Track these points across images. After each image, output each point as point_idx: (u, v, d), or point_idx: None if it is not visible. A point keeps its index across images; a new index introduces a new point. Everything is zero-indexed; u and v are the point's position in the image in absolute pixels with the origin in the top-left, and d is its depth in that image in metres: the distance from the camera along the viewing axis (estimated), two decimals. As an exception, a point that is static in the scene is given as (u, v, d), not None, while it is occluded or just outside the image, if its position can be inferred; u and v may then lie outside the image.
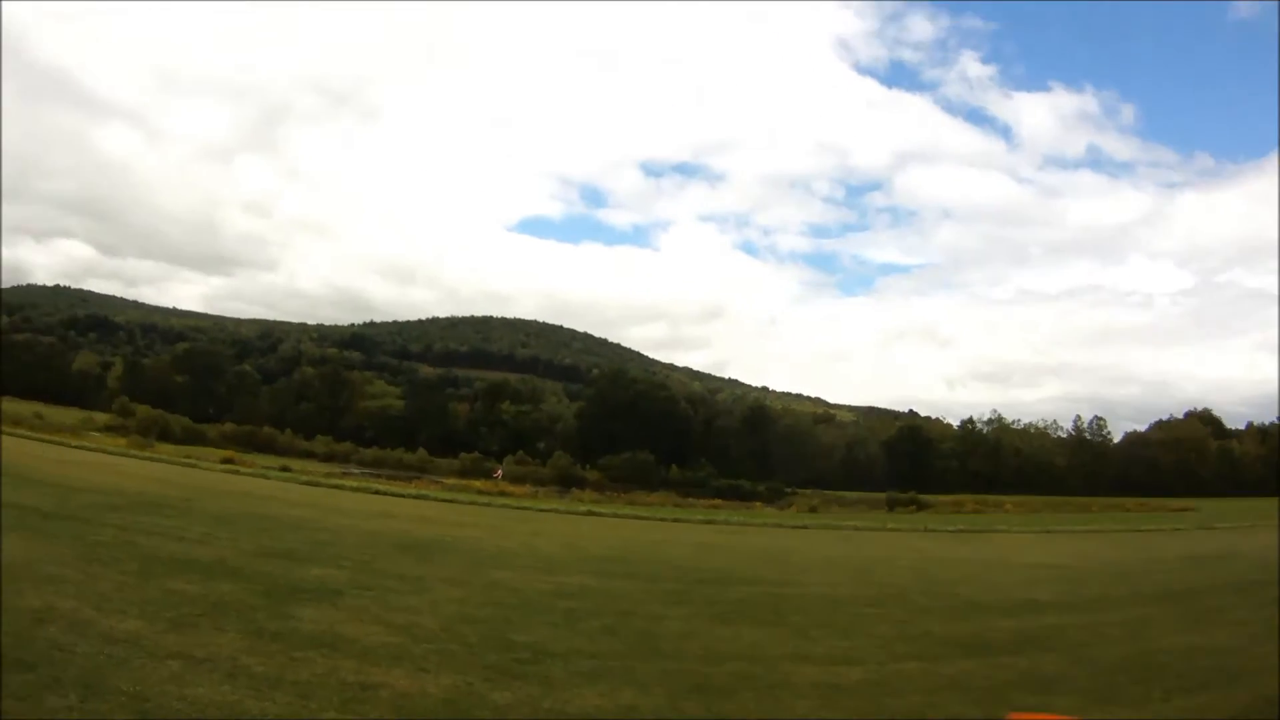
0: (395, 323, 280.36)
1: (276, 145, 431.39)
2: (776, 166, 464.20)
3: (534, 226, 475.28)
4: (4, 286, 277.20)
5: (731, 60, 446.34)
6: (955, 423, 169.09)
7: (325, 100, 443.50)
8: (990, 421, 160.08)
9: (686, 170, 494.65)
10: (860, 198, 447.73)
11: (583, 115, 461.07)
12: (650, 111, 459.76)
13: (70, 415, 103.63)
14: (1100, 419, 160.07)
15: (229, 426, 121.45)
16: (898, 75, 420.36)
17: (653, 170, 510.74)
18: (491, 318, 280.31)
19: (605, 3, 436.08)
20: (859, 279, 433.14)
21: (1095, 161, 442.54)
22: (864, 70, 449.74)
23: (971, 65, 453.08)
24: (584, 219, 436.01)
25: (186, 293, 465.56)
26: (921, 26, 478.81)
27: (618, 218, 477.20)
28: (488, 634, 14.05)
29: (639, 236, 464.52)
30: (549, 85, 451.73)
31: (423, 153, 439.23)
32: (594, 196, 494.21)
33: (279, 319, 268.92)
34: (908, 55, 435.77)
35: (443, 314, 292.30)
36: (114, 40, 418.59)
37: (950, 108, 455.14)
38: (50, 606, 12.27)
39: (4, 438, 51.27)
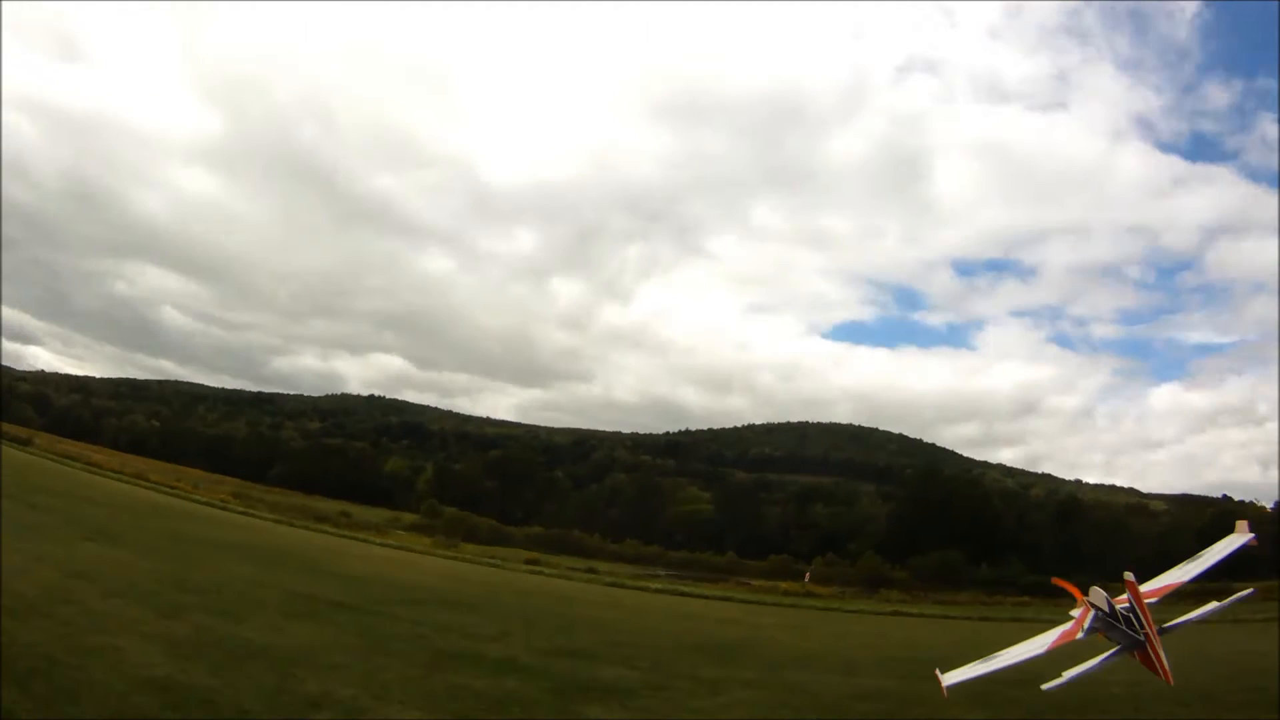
0: (710, 430, 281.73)
1: (591, 263, 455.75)
2: (1087, 255, 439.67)
3: (849, 332, 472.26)
4: (320, 395, 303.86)
5: (1039, 152, 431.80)
6: (1270, 505, 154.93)
7: (638, 218, 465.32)
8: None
9: (998, 266, 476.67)
10: (1171, 279, 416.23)
11: (894, 221, 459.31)
12: (960, 211, 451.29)
13: (378, 514, 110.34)
14: None
15: (536, 529, 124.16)
16: (1199, 148, 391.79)
17: (965, 269, 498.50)
18: (807, 423, 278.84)
19: (903, 111, 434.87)
20: (1172, 363, 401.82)
21: None
22: (1166, 147, 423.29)
23: (1270, 128, 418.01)
24: (899, 322, 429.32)
25: (501, 403, 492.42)
26: (1216, 94, 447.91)
27: (933, 319, 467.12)
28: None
29: (954, 336, 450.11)
30: (860, 193, 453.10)
31: (736, 265, 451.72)
32: (908, 299, 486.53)
33: (594, 428, 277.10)
34: (1207, 126, 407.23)
35: (758, 421, 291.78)
36: (430, 176, 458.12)
37: (1255, 175, 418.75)
38: (327, 693, 12.49)
39: (305, 533, 55.05)
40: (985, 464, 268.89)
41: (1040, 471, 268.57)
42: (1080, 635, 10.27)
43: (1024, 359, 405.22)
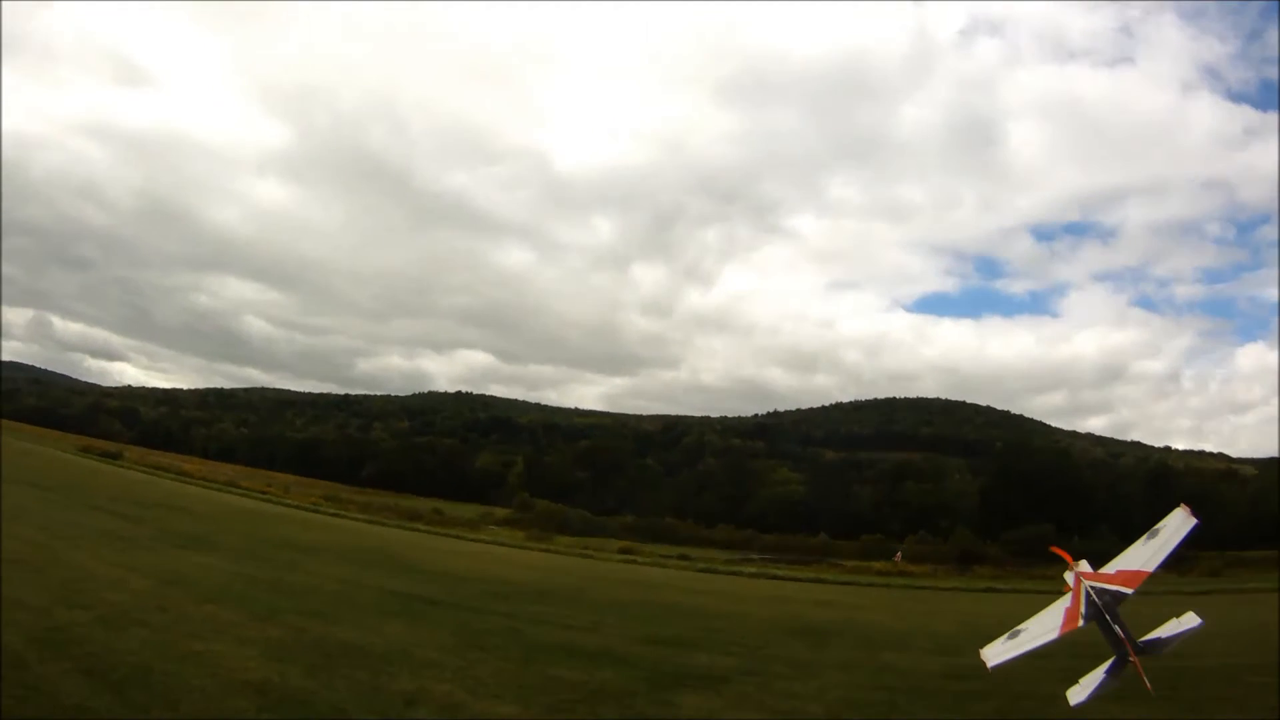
0: (798, 410, 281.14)
1: (670, 247, 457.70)
2: (1165, 213, 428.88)
3: (932, 304, 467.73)
4: (407, 394, 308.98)
5: (1109, 109, 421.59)
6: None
7: (714, 200, 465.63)
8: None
9: (1077, 230, 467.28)
10: (1250, 234, 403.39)
11: (970, 188, 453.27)
12: (1035, 174, 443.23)
13: (470, 510, 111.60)
14: None
15: (629, 518, 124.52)
16: (1269, 95, 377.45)
17: (1043, 234, 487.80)
18: (895, 399, 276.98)
19: (970, 75, 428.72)
20: (1257, 321, 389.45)
21: None
22: (1236, 96, 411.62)
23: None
24: (981, 292, 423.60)
25: (588, 393, 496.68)
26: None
27: (1015, 286, 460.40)
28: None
29: (1036, 304, 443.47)
30: (933, 161, 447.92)
31: (815, 242, 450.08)
32: (989, 268, 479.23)
33: (682, 413, 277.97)
34: (1275, 73, 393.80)
35: (845, 399, 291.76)
36: (502, 170, 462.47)
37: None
38: (424, 689, 12.54)
39: (397, 531, 55.82)
40: (1074, 434, 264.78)
41: (1129, 439, 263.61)
42: (1080, 623, 10.03)
43: (1108, 324, 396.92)
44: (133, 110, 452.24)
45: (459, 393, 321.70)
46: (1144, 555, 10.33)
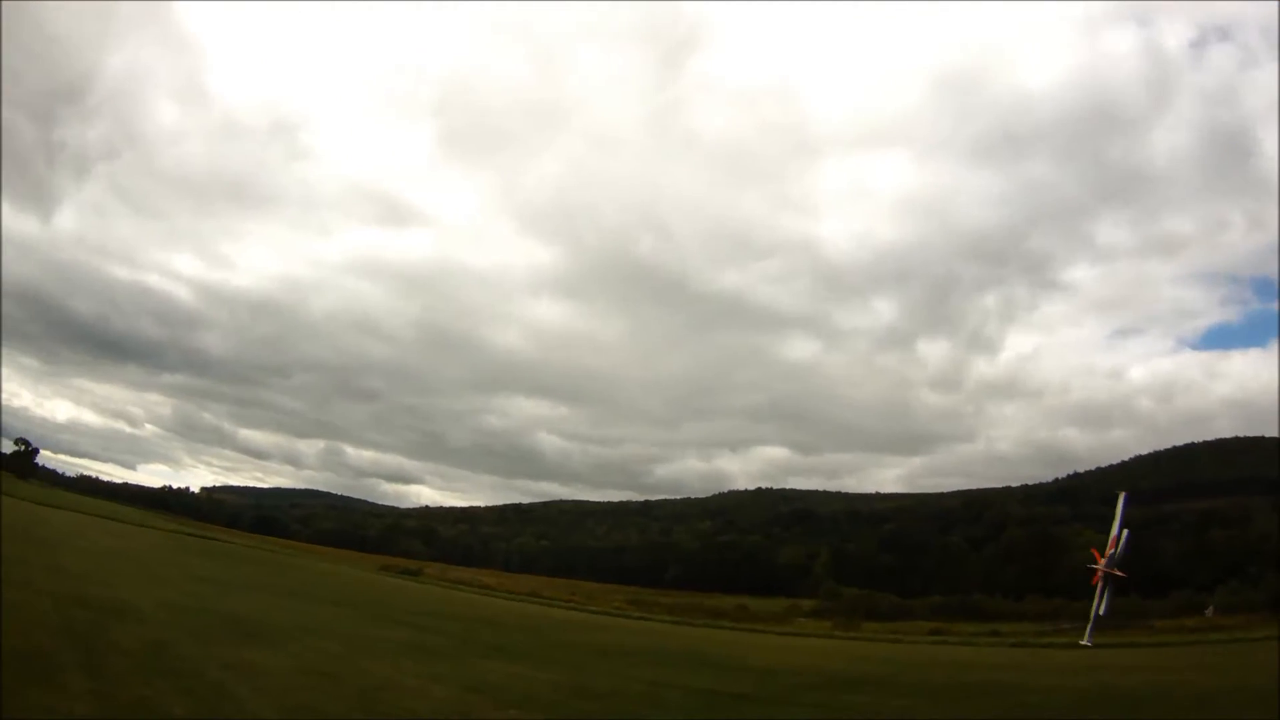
0: (1098, 469, 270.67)
1: (951, 319, 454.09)
2: None
3: (1217, 337, 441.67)
4: (707, 495, 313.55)
5: None
6: None
7: (987, 264, 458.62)
8: None
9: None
10: None
11: (1235, 207, 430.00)
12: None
13: (776, 605, 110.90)
14: None
15: (936, 598, 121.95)
16: None
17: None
18: (1193, 444, 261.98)
19: (1211, 87, 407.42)
20: None
21: None
22: None
23: None
24: (1264, 315, 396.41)
25: (887, 476, 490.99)
26: None
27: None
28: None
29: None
30: (1193, 185, 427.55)
31: (1092, 291, 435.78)
32: (1267, 289, 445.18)
33: (982, 486, 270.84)
34: None
35: (1144, 450, 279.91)
36: (773, 264, 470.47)
37: None
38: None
39: (703, 630, 55.88)
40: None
41: None
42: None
43: None
44: (400, 246, 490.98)
45: (758, 489, 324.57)
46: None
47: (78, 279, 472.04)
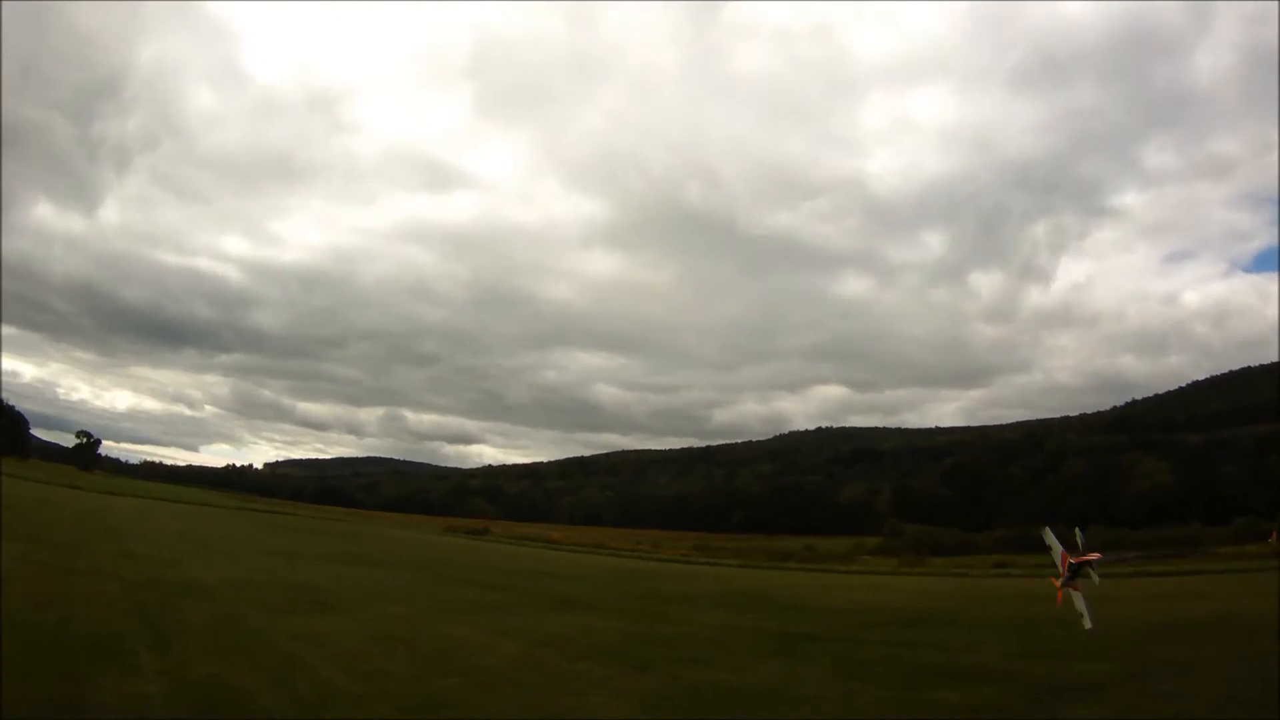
0: (1156, 396, 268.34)
1: (1002, 250, 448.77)
2: None
3: (1269, 260, 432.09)
4: (768, 437, 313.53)
5: None
6: None
7: (1035, 194, 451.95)
8: None
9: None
10: None
11: None
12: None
13: (840, 544, 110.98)
14: None
15: (1000, 532, 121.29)
16: None
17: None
18: (1250, 368, 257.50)
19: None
20: None
21: None
22: None
23: None
24: None
25: (946, 410, 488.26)
26: None
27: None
28: (1260, 715, 13.31)
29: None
30: (1239, 105, 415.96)
31: (1143, 216, 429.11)
32: None
33: (1041, 417, 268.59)
34: None
35: (1200, 376, 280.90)
36: (822, 203, 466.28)
37: None
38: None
39: (770, 573, 56.16)
40: None
41: None
42: None
43: None
44: (447, 209, 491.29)
45: (819, 429, 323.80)
46: None
47: (127, 269, 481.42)
